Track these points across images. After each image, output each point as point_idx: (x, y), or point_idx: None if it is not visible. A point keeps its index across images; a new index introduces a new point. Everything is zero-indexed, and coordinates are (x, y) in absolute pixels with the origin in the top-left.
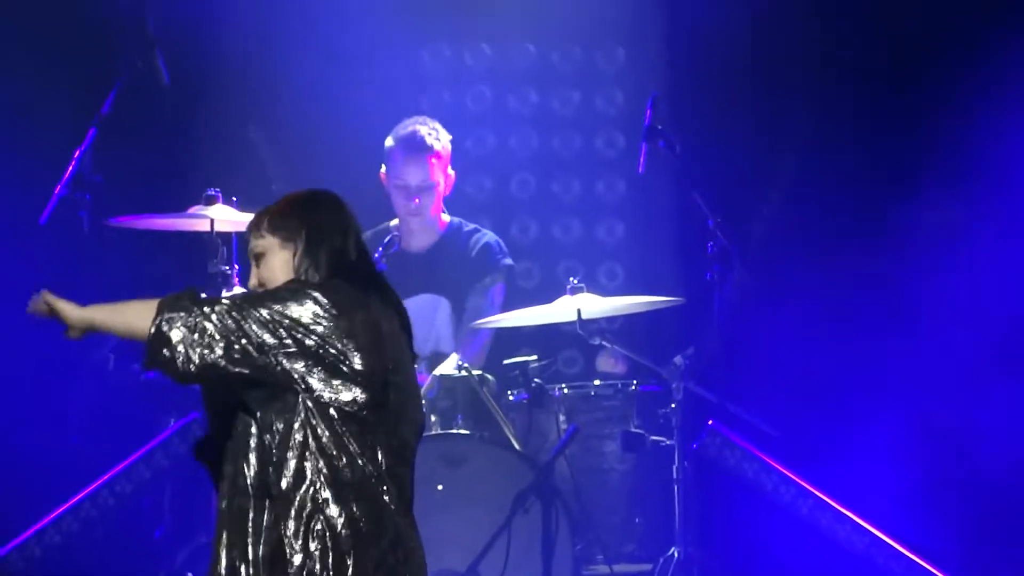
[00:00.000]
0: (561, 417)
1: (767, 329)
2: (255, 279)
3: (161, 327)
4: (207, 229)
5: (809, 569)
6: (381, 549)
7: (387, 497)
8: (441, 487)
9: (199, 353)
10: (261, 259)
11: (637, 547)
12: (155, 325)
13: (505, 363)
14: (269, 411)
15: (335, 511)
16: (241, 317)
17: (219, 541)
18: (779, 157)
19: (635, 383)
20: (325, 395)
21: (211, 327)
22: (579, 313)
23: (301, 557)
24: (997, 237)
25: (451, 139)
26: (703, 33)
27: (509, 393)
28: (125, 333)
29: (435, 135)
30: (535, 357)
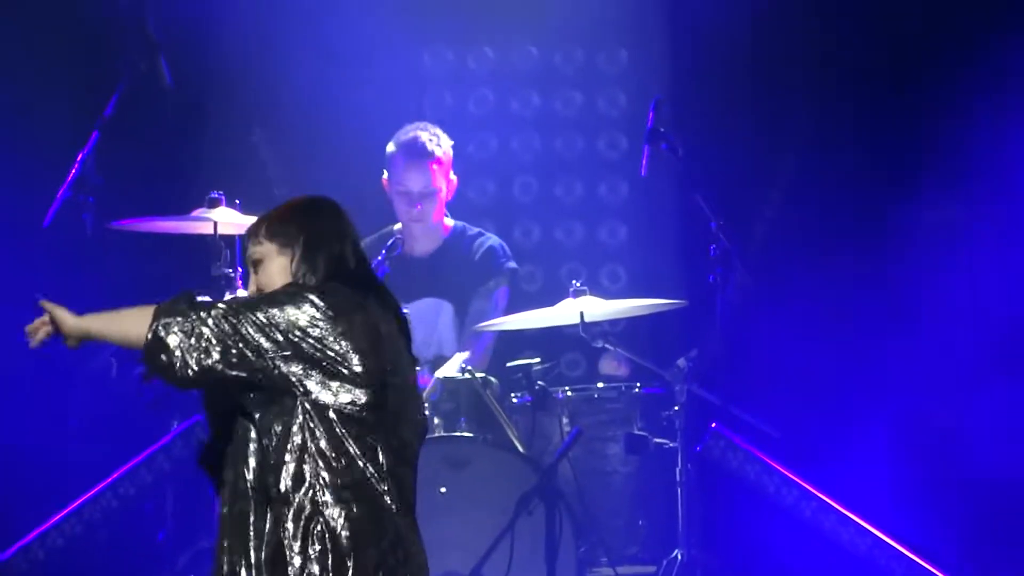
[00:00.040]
0: (564, 420)
1: (768, 331)
2: (253, 285)
3: (158, 332)
4: (210, 232)
5: (812, 571)
6: (381, 550)
7: (388, 498)
8: (444, 489)
9: (196, 358)
10: (259, 265)
11: (641, 549)
12: (152, 331)
13: (508, 365)
14: (267, 414)
15: (335, 513)
16: (238, 321)
17: (220, 545)
18: (780, 158)
19: (638, 386)
20: (323, 397)
21: (208, 331)
22: (582, 316)
23: (301, 559)
24: (997, 237)
25: (452, 144)
26: (705, 34)
27: (512, 396)
28: (122, 341)
29: (436, 141)
30: (538, 360)
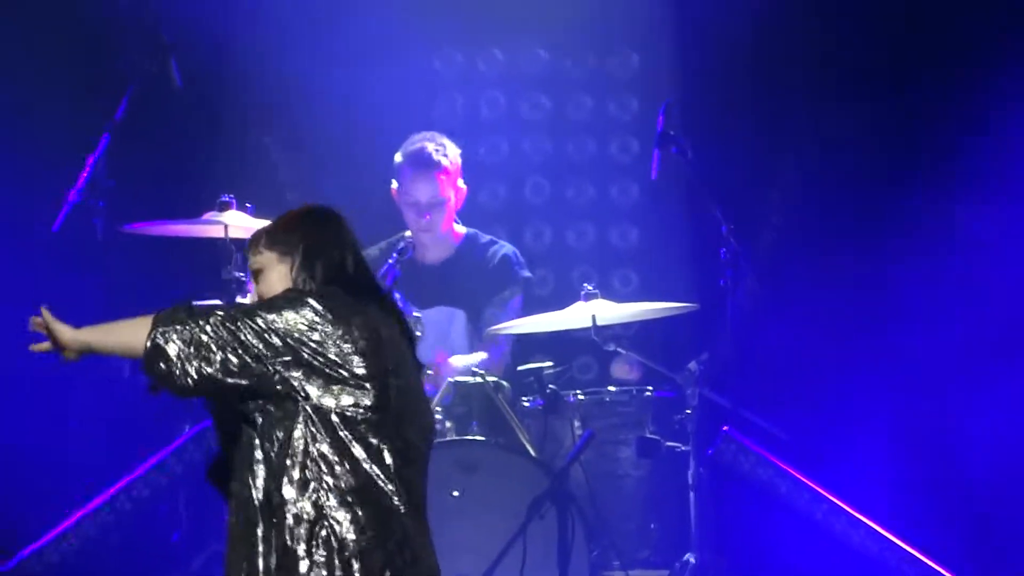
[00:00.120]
0: (576, 423)
1: (777, 333)
2: (255, 295)
3: (157, 341)
4: (221, 235)
5: (823, 574)
6: (388, 551)
7: (395, 499)
8: (456, 493)
9: (196, 366)
10: (260, 275)
11: (652, 553)
12: (151, 339)
13: (520, 369)
14: (269, 420)
15: (339, 516)
16: (236, 328)
17: (229, 555)
18: (789, 160)
19: (650, 389)
20: (325, 401)
21: (207, 339)
22: (594, 319)
23: (307, 564)
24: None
25: (460, 152)
26: (715, 38)
27: (524, 399)
28: (122, 351)
29: (442, 151)
30: (550, 363)
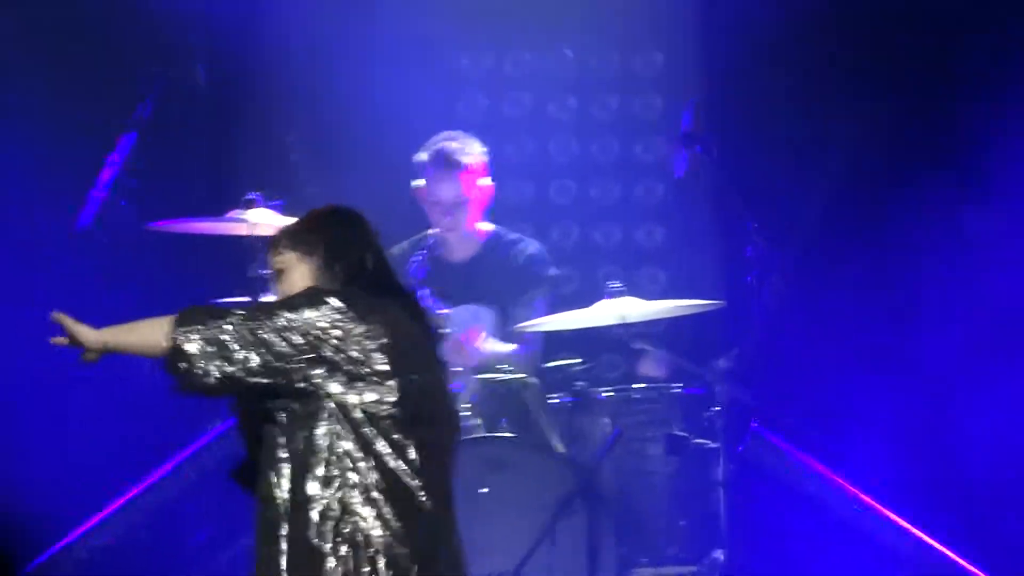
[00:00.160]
0: (605, 420)
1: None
2: (276, 295)
3: (177, 341)
4: (246, 233)
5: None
6: (414, 547)
7: (420, 495)
8: (485, 490)
9: (217, 365)
10: (282, 275)
11: (681, 550)
12: (171, 340)
13: (548, 367)
14: (293, 418)
15: (364, 513)
16: (257, 326)
17: (256, 552)
18: (816, 158)
19: (678, 386)
20: (348, 398)
21: (228, 338)
22: (621, 317)
23: (333, 561)
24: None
25: (484, 151)
26: (740, 37)
27: (553, 396)
28: (142, 351)
29: (464, 150)
30: (579, 360)
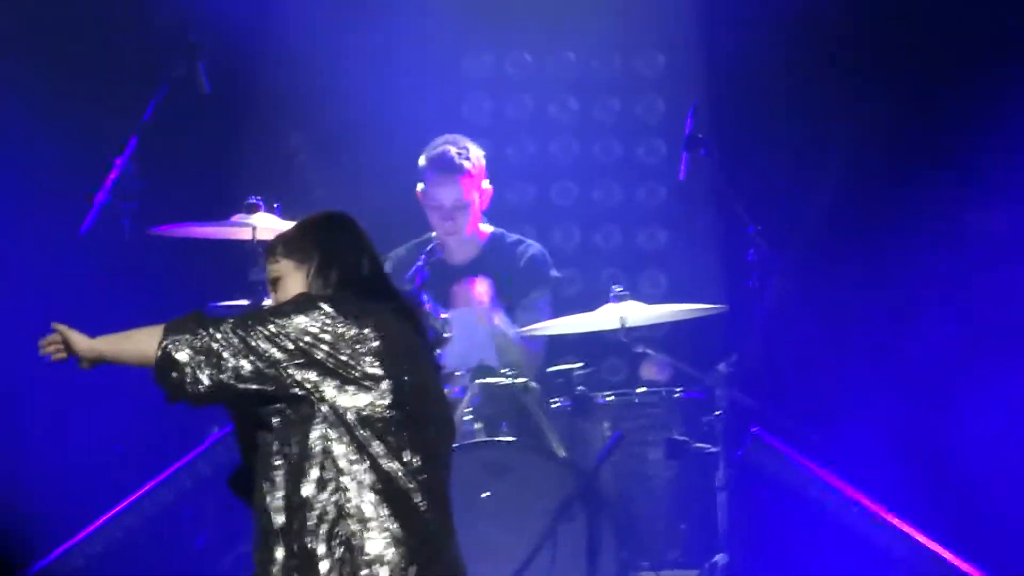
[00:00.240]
0: (605, 424)
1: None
2: (272, 303)
3: (167, 349)
4: (249, 237)
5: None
6: (410, 548)
7: (415, 497)
8: (486, 494)
9: (207, 373)
10: (277, 283)
11: (682, 554)
12: (161, 348)
13: (549, 371)
14: (286, 423)
15: (359, 515)
16: (247, 334)
17: (255, 556)
18: (818, 161)
19: (679, 390)
20: (341, 401)
21: (217, 346)
22: (623, 321)
23: (328, 564)
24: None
25: (484, 154)
26: (742, 39)
27: (553, 400)
28: (135, 360)
29: (464, 154)
30: (580, 364)
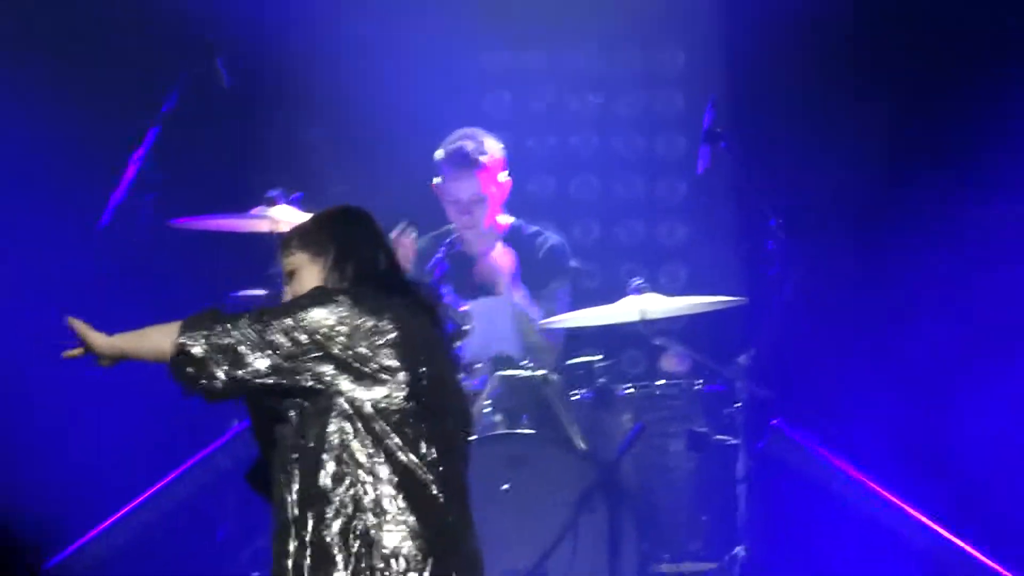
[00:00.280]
0: (626, 416)
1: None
2: (288, 296)
3: (184, 345)
4: (268, 230)
5: (873, 568)
6: (427, 540)
7: (433, 489)
8: (506, 486)
9: (224, 368)
10: (293, 276)
11: (703, 545)
12: (177, 345)
13: (569, 363)
14: (304, 417)
15: (376, 508)
16: (263, 328)
17: (273, 548)
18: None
19: (700, 382)
20: (358, 394)
21: (234, 341)
22: (643, 313)
23: (344, 556)
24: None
25: (502, 147)
26: (762, 34)
27: (574, 392)
28: (153, 356)
29: (481, 148)
30: (600, 356)
